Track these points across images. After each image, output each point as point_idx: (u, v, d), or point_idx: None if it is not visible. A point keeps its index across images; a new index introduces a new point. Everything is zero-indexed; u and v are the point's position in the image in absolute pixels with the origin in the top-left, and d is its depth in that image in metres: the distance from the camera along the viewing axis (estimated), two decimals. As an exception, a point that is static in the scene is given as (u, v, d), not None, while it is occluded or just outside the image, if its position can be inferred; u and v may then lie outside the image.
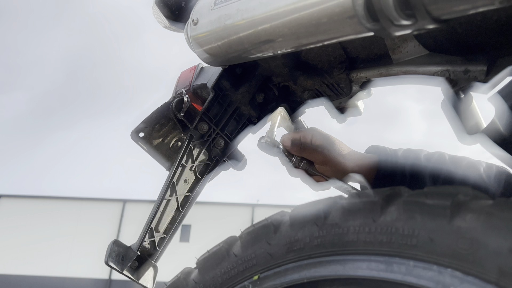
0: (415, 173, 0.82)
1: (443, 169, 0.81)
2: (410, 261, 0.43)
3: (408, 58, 0.73)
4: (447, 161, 0.83)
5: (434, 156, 0.84)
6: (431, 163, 0.82)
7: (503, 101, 0.51)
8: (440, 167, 0.82)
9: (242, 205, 18.97)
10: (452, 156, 0.85)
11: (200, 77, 0.93)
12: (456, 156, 0.85)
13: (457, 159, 0.85)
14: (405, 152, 0.86)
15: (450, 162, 0.83)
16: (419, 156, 0.84)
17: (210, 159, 0.85)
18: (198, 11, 0.72)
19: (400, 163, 0.83)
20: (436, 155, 0.85)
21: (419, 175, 0.82)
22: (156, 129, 0.85)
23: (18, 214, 18.24)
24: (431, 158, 0.84)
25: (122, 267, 0.74)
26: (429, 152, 0.86)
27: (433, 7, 0.43)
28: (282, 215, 0.57)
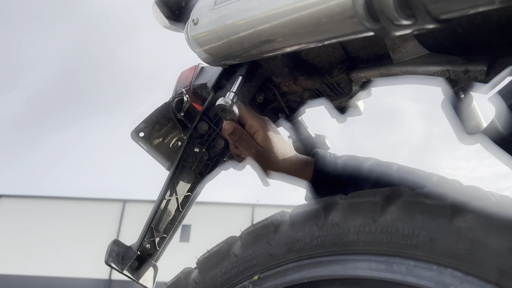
0: (353, 181, 0.79)
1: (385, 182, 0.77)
2: (410, 261, 0.43)
3: (408, 58, 0.73)
4: (393, 174, 0.79)
5: (380, 167, 0.80)
6: (374, 174, 0.79)
7: (503, 101, 0.51)
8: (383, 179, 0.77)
9: (242, 205, 18.97)
10: (400, 168, 0.80)
11: (200, 77, 0.93)
12: (406, 168, 0.81)
13: (406, 172, 0.80)
14: (348, 159, 0.84)
15: (397, 175, 0.78)
16: (361, 164, 0.81)
17: (210, 159, 0.85)
18: (198, 11, 0.72)
19: (339, 168, 0.81)
20: (383, 166, 0.81)
21: (357, 183, 0.79)
22: (156, 129, 0.85)
23: (18, 214, 18.24)
24: (375, 169, 0.80)
25: (122, 267, 0.74)
26: (376, 162, 0.82)
27: (433, 7, 0.43)
28: (282, 215, 0.57)
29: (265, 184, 0.87)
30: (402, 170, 0.80)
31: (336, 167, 0.81)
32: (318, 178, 0.82)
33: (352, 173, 0.80)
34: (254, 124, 0.79)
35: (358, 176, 0.79)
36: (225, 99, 0.75)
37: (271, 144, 0.80)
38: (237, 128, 0.78)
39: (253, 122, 0.79)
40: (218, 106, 0.76)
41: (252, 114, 0.80)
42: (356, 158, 0.84)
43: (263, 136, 0.79)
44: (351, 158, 0.84)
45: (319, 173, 0.82)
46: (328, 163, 0.82)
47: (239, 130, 0.78)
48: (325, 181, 0.81)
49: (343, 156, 0.85)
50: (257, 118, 0.80)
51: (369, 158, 0.84)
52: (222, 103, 0.75)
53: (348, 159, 0.83)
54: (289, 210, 0.57)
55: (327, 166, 0.82)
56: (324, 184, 0.81)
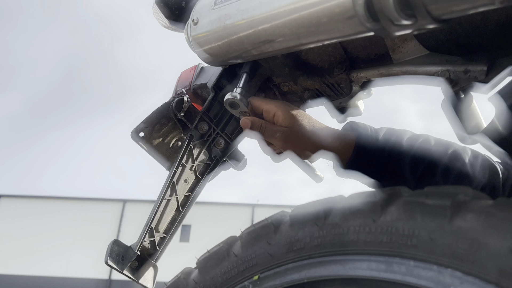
0: (395, 156, 0.76)
1: (425, 155, 0.76)
2: (410, 261, 0.43)
3: (408, 58, 0.73)
4: (431, 146, 0.77)
5: (418, 140, 0.78)
6: (413, 147, 0.76)
7: (503, 101, 0.51)
8: (423, 153, 0.76)
9: (242, 205, 18.97)
10: (438, 141, 0.79)
11: (200, 77, 0.93)
12: (442, 142, 0.80)
13: (442, 145, 0.79)
14: (388, 132, 0.79)
15: (435, 148, 0.77)
16: (401, 138, 0.78)
17: (210, 159, 0.85)
18: (198, 11, 0.72)
19: (380, 143, 0.76)
20: (421, 138, 0.78)
21: (399, 159, 0.76)
22: (156, 129, 0.85)
23: (18, 214, 18.24)
24: (415, 142, 0.78)
25: (122, 267, 0.74)
26: (414, 135, 0.80)
27: (433, 7, 0.43)
28: (282, 215, 0.57)
29: (317, 180, 0.84)
30: (440, 143, 0.79)
31: (377, 143, 0.77)
32: (360, 154, 0.76)
33: (392, 148, 0.76)
34: (270, 107, 0.75)
35: (398, 152, 0.76)
36: (233, 93, 0.74)
37: (294, 120, 0.75)
38: (254, 120, 0.74)
39: (269, 106, 0.75)
40: (226, 101, 0.74)
41: (265, 100, 0.77)
42: (395, 131, 0.80)
43: (283, 116, 0.74)
44: (390, 132, 0.80)
45: (361, 149, 0.76)
46: (370, 138, 0.77)
47: (257, 122, 0.74)
48: (366, 158, 0.77)
49: (382, 129, 0.81)
50: (271, 101, 0.76)
51: (406, 131, 0.80)
52: (230, 97, 0.73)
53: (387, 133, 0.79)
54: (289, 210, 0.57)
55: (369, 141, 0.77)
56: (365, 161, 0.77)
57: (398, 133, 0.80)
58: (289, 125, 0.74)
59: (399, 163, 0.76)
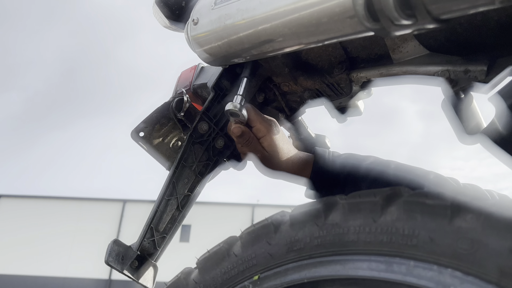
0: (351, 180, 0.80)
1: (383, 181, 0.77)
2: (411, 261, 0.43)
3: (408, 58, 0.73)
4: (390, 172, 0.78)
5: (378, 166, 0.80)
6: (372, 172, 0.79)
7: (503, 101, 0.51)
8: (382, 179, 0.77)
9: (242, 205, 18.97)
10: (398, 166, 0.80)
11: (200, 77, 0.93)
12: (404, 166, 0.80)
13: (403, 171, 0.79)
14: (347, 157, 0.84)
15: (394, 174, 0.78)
16: (360, 163, 0.82)
17: (210, 159, 0.85)
18: (198, 11, 0.72)
19: (337, 167, 0.82)
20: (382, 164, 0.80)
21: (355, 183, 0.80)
22: (156, 128, 0.85)
23: (18, 214, 18.24)
24: (374, 167, 0.80)
25: (122, 266, 0.74)
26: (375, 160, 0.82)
27: (433, 7, 0.43)
28: (282, 215, 0.57)
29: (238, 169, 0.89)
30: (400, 169, 0.80)
31: (334, 166, 0.83)
32: (317, 176, 0.83)
33: (350, 171, 0.81)
34: (261, 129, 0.79)
35: (356, 175, 0.81)
36: (234, 103, 0.75)
37: (276, 149, 0.81)
38: (245, 132, 0.78)
39: (261, 127, 0.79)
40: (227, 111, 0.76)
41: (261, 118, 0.80)
42: (355, 156, 0.85)
43: (269, 142, 0.80)
44: (350, 157, 0.85)
45: (318, 171, 0.83)
46: (327, 161, 0.84)
47: (247, 134, 0.79)
48: (323, 179, 0.83)
49: (342, 155, 0.86)
50: (264, 123, 0.80)
51: (369, 157, 0.84)
52: (231, 107, 0.75)
53: (347, 158, 0.84)
54: (289, 210, 0.57)
55: (325, 164, 0.83)
56: (322, 182, 0.83)
57: (358, 158, 0.84)
58: (271, 152, 0.81)
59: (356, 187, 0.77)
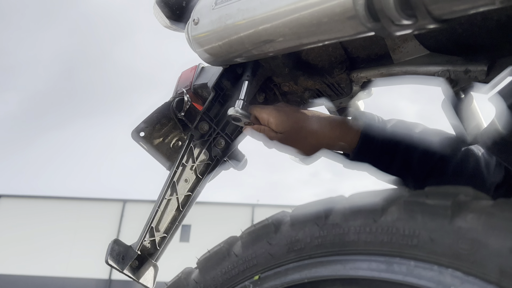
0: (403, 148, 0.74)
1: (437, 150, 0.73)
2: (411, 261, 0.43)
3: (409, 58, 0.73)
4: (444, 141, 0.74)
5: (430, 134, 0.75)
6: (424, 141, 0.74)
7: (503, 101, 0.51)
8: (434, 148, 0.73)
9: (242, 205, 18.96)
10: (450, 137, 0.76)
11: (200, 77, 0.93)
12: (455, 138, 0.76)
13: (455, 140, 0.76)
14: (397, 124, 0.77)
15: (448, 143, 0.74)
16: (411, 130, 0.76)
17: (211, 159, 0.85)
18: (199, 11, 0.72)
19: (388, 134, 0.74)
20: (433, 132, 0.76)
21: (407, 151, 0.73)
22: (157, 128, 0.85)
23: (18, 214, 18.23)
24: (425, 135, 0.75)
25: (122, 266, 0.74)
26: (426, 128, 0.77)
27: (434, 7, 0.43)
28: (283, 215, 0.57)
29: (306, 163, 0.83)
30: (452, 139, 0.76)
31: (385, 132, 0.75)
32: (365, 143, 0.74)
33: (401, 140, 0.74)
34: (263, 116, 0.78)
35: (407, 145, 0.74)
36: (235, 108, 0.76)
37: (288, 125, 0.76)
38: (254, 127, 0.79)
39: (262, 115, 0.78)
40: (230, 117, 0.77)
41: (260, 107, 0.79)
42: (405, 123, 0.78)
43: (275, 123, 0.76)
44: (399, 124, 0.78)
45: (366, 138, 0.75)
46: (376, 127, 0.76)
47: (257, 128, 0.78)
48: (373, 148, 0.75)
49: (391, 120, 0.79)
50: (265, 109, 0.79)
51: (418, 124, 0.78)
52: (233, 113, 0.76)
53: (397, 124, 0.77)
54: (290, 210, 0.57)
55: (375, 130, 0.75)
56: (371, 150, 0.75)
57: (408, 125, 0.77)
58: (283, 130, 0.76)
59: (407, 155, 0.74)
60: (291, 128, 0.76)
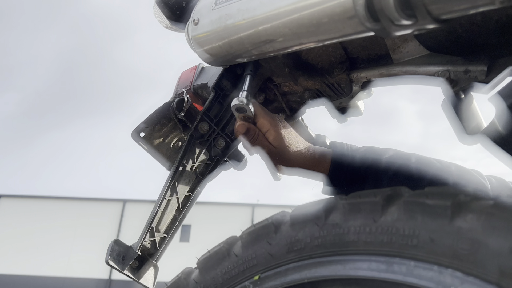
0: (372, 175, 0.77)
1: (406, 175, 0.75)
2: (411, 261, 0.43)
3: (409, 58, 0.73)
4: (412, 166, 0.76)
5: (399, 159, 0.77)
6: (393, 166, 0.76)
7: (503, 101, 0.51)
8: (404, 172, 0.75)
9: (242, 205, 18.97)
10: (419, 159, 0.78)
11: (200, 77, 0.93)
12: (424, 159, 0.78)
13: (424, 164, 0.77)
14: (367, 150, 0.81)
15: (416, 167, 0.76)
16: (380, 156, 0.78)
17: (211, 159, 0.85)
18: (199, 11, 0.72)
19: (357, 161, 0.78)
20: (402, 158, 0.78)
21: (376, 178, 0.76)
22: (157, 129, 0.85)
23: (18, 214, 18.24)
24: (394, 161, 0.77)
25: (122, 266, 0.74)
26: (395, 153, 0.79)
27: (434, 7, 0.43)
28: (283, 215, 0.57)
29: (276, 179, 0.86)
30: (421, 162, 0.77)
31: (354, 159, 0.79)
32: (336, 171, 0.79)
33: (370, 165, 0.77)
34: (265, 123, 0.77)
35: (377, 169, 0.77)
36: (240, 98, 0.75)
37: (283, 143, 0.78)
38: (250, 128, 0.77)
39: (264, 121, 0.77)
40: (234, 106, 0.75)
41: (264, 112, 0.79)
42: (374, 149, 0.81)
43: (275, 136, 0.77)
44: (369, 150, 0.81)
45: (337, 167, 0.79)
46: (346, 155, 0.79)
47: (252, 130, 0.77)
48: (343, 174, 0.79)
49: (361, 148, 0.83)
50: (268, 116, 0.78)
51: (388, 150, 0.81)
52: (238, 102, 0.75)
53: (366, 151, 0.81)
54: (290, 210, 0.57)
55: (344, 158, 0.79)
56: (342, 177, 0.79)
57: (377, 151, 0.81)
58: (278, 146, 0.78)
59: (377, 182, 0.76)
60: (284, 147, 0.78)
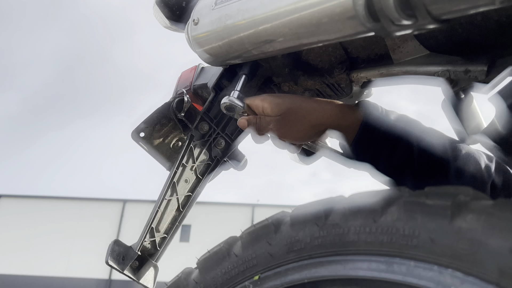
0: (405, 143, 0.71)
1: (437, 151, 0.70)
2: (411, 262, 0.43)
3: (409, 58, 0.73)
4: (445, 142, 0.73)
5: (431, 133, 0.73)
6: (426, 139, 0.71)
7: (503, 101, 0.51)
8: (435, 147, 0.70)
9: (242, 205, 18.97)
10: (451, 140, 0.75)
11: (200, 77, 0.93)
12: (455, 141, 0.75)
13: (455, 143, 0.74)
14: (400, 118, 0.74)
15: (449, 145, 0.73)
16: (414, 126, 0.73)
17: (211, 159, 0.85)
18: (198, 11, 0.72)
19: (390, 126, 0.70)
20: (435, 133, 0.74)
21: (408, 147, 0.71)
22: (157, 129, 0.85)
23: (18, 214, 18.24)
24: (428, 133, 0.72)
25: (122, 267, 0.74)
26: (428, 128, 0.75)
27: (434, 7, 0.43)
28: (283, 215, 0.57)
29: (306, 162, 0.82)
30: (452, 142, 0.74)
31: (387, 124, 0.71)
32: (366, 132, 0.70)
33: (402, 134, 0.71)
34: (256, 103, 0.74)
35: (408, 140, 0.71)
36: (229, 97, 0.75)
37: (283, 107, 0.71)
38: (249, 118, 0.75)
39: (256, 102, 0.74)
40: (223, 105, 0.75)
41: (254, 97, 0.76)
42: (408, 118, 0.75)
43: (270, 106, 0.72)
44: (402, 118, 0.74)
45: (367, 127, 0.70)
46: (378, 117, 0.71)
47: (252, 119, 0.74)
48: (373, 139, 0.71)
49: (394, 113, 0.75)
50: (258, 96, 0.76)
51: (419, 122, 0.76)
52: (226, 101, 0.75)
53: (400, 118, 0.74)
54: (289, 210, 0.57)
55: (376, 120, 0.71)
56: (371, 142, 0.71)
57: (411, 120, 0.75)
58: (279, 113, 0.72)
59: (409, 151, 0.71)
60: (288, 109, 0.71)
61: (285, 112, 0.71)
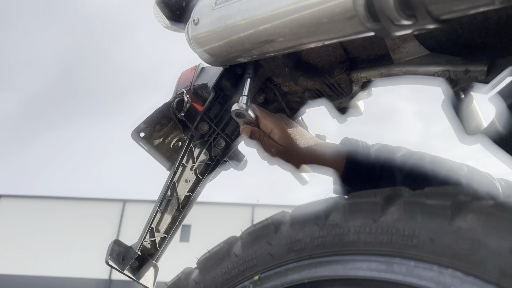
0: (387, 172, 0.77)
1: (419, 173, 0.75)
2: (411, 262, 0.43)
3: (409, 58, 0.73)
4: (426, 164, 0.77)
5: (412, 157, 0.78)
6: (407, 164, 0.77)
7: (503, 101, 0.51)
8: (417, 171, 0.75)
9: (242, 205, 18.97)
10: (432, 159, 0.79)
11: (200, 77, 0.93)
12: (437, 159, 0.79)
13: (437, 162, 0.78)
14: (380, 148, 0.80)
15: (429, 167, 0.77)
16: (394, 154, 0.79)
17: (211, 159, 0.85)
18: (199, 11, 0.72)
19: (372, 159, 0.78)
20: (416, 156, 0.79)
21: (391, 175, 0.76)
22: (157, 129, 0.85)
23: (18, 214, 18.24)
24: (408, 159, 0.78)
25: (122, 266, 0.74)
26: (408, 152, 0.80)
27: (434, 7, 0.43)
28: (283, 215, 0.57)
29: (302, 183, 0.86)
30: (434, 161, 0.78)
31: (369, 158, 0.78)
32: (351, 169, 0.78)
33: (385, 164, 0.77)
34: (267, 124, 0.78)
35: (391, 168, 0.77)
36: (239, 104, 0.75)
37: (289, 140, 0.78)
38: (254, 131, 0.77)
39: (267, 122, 0.78)
40: (233, 112, 0.76)
41: (265, 113, 0.79)
42: (388, 147, 0.81)
43: (279, 134, 0.77)
44: (383, 148, 0.81)
45: (352, 165, 0.78)
46: (361, 153, 0.79)
47: (257, 133, 0.78)
48: (358, 173, 0.78)
49: (375, 145, 0.82)
50: (270, 117, 0.79)
51: (401, 148, 0.81)
52: (237, 108, 0.75)
53: (380, 149, 0.80)
54: (289, 210, 0.57)
55: (360, 157, 0.78)
56: (357, 176, 0.78)
57: (391, 149, 0.81)
58: (284, 144, 0.78)
59: (391, 180, 0.76)
60: (292, 144, 0.78)
61: (290, 145, 0.78)
